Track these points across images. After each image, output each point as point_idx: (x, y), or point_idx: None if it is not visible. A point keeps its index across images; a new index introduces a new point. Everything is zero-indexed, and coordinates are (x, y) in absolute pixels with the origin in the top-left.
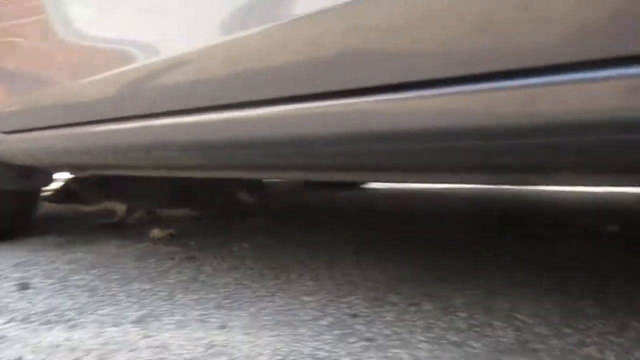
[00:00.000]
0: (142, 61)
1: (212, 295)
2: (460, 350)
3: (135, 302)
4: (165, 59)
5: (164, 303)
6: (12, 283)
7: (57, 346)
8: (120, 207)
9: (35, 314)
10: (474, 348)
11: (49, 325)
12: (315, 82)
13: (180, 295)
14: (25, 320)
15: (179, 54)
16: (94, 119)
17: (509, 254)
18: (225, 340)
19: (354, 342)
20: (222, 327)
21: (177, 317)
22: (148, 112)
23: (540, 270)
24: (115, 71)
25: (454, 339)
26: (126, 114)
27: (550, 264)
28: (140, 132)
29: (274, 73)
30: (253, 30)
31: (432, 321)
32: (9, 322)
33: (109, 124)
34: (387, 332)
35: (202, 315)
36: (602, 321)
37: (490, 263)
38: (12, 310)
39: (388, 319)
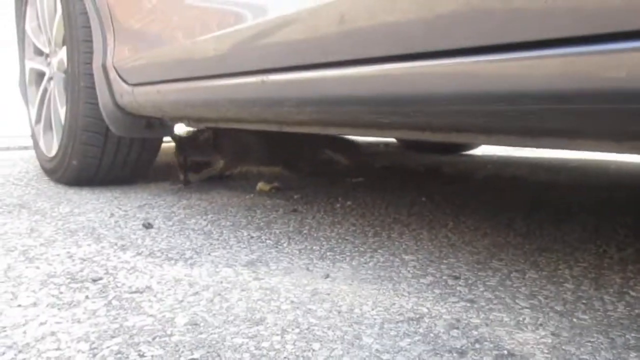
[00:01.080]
0: (251, 21)
1: (316, 247)
2: (565, 319)
3: (245, 247)
4: (280, 17)
5: (271, 250)
6: (138, 222)
7: (179, 280)
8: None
9: (159, 250)
10: (581, 319)
11: (171, 261)
12: (428, 41)
13: (285, 244)
14: (150, 255)
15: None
16: (210, 73)
17: (622, 229)
18: (329, 288)
19: (455, 302)
20: (326, 276)
21: (284, 264)
22: (259, 68)
23: None
24: (228, 30)
25: (559, 308)
26: (239, 69)
27: None
28: (253, 87)
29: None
30: None
31: (536, 289)
32: (136, 255)
33: (225, 79)
34: (489, 295)
35: (306, 264)
36: None
37: (600, 237)
38: (139, 245)
39: (490, 283)
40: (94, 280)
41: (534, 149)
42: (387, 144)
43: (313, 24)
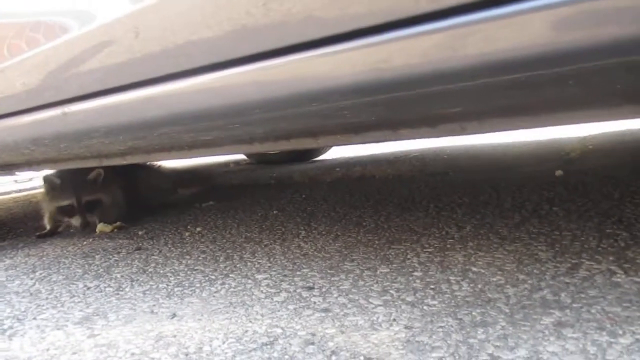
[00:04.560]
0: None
1: (162, 285)
2: (417, 309)
3: (80, 302)
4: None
5: (110, 298)
6: None
7: None
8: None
9: None
10: (431, 306)
11: None
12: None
13: (128, 289)
14: None
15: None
16: (3, 112)
17: (461, 209)
18: (175, 329)
19: (310, 315)
20: (173, 315)
21: (125, 312)
22: (58, 99)
23: (491, 220)
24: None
25: (410, 299)
26: (36, 103)
27: (501, 213)
28: (54, 121)
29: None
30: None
31: (388, 284)
32: None
33: (22, 116)
34: (343, 300)
35: (151, 306)
36: (555, 264)
37: (443, 220)
38: None
39: (344, 287)
40: None
41: (379, 145)
42: (237, 162)
43: (106, 43)
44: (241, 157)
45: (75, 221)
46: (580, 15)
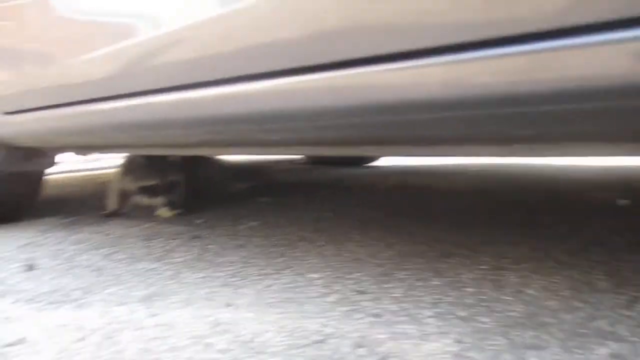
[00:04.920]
0: (134, 39)
1: (219, 274)
2: (468, 325)
3: (141, 282)
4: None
5: (170, 282)
6: (19, 264)
7: (63, 325)
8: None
9: (41, 294)
10: (483, 323)
11: (55, 305)
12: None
13: (186, 274)
14: (31, 300)
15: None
16: (93, 97)
17: (518, 229)
18: (231, 317)
19: (361, 318)
20: (228, 304)
21: (183, 296)
22: (147, 88)
23: (550, 245)
24: (110, 48)
25: (462, 313)
26: (124, 92)
27: (559, 237)
28: (140, 109)
29: (274, 46)
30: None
31: (440, 296)
32: (15, 302)
33: (109, 102)
34: (394, 308)
35: (208, 293)
36: (613, 295)
37: (499, 238)
38: (19, 290)
39: (395, 295)
40: None
41: (435, 157)
42: (292, 161)
43: (197, 41)
44: (297, 156)
45: (160, 201)
46: None
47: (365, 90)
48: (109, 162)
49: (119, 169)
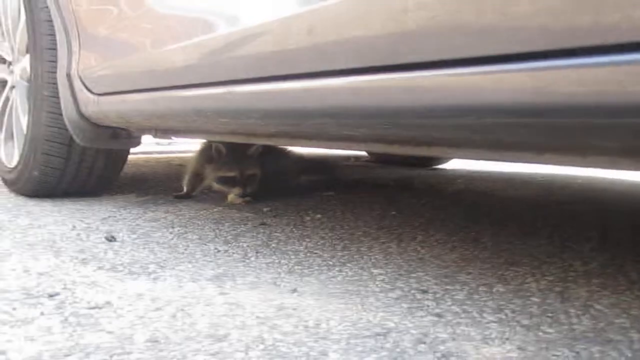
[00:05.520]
0: (219, 32)
1: (284, 261)
2: (531, 333)
3: (211, 261)
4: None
5: (238, 264)
6: (101, 235)
7: (141, 295)
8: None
9: (121, 264)
10: (547, 333)
11: (133, 276)
12: (393, 54)
13: (253, 258)
14: (112, 269)
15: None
16: (177, 84)
17: (588, 242)
18: (296, 303)
19: (423, 316)
20: (293, 290)
21: (251, 278)
22: (229, 79)
23: (621, 261)
24: (197, 40)
25: (526, 322)
26: (206, 80)
27: (633, 254)
28: (220, 98)
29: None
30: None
31: (503, 303)
32: (98, 269)
33: (192, 90)
34: (456, 309)
35: (274, 278)
36: None
37: (566, 251)
38: (101, 259)
39: (458, 297)
40: (51, 296)
41: (503, 164)
42: (357, 158)
43: (281, 36)
44: (362, 153)
45: (236, 191)
46: None
47: (449, 92)
48: (181, 147)
49: (197, 155)
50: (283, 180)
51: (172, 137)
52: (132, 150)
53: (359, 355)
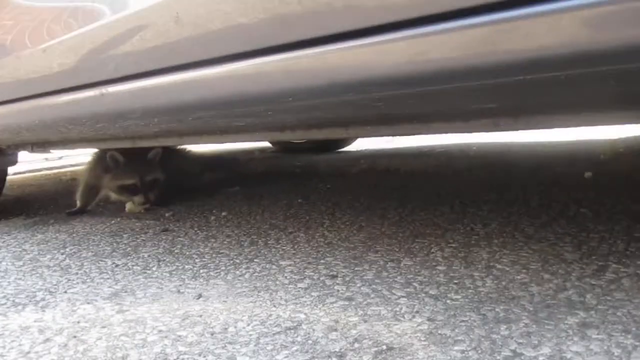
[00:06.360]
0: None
1: (188, 266)
2: (440, 303)
3: (109, 278)
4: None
5: (138, 277)
6: None
7: (27, 328)
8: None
9: (3, 296)
10: (454, 300)
11: (18, 307)
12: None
13: (155, 268)
14: None
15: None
16: (44, 90)
17: (487, 206)
18: (201, 309)
19: (333, 303)
20: (199, 296)
21: (152, 290)
22: (96, 80)
23: (517, 219)
24: (55, 41)
25: (434, 292)
26: (75, 83)
27: (527, 212)
28: (92, 101)
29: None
30: None
31: (411, 276)
32: None
33: (61, 95)
34: (366, 290)
35: (177, 286)
36: (581, 265)
37: (468, 216)
38: None
39: (367, 277)
40: None
41: (404, 139)
42: (262, 150)
43: (147, 27)
44: (266, 144)
45: (138, 200)
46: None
47: (322, 70)
48: (74, 160)
49: (90, 166)
50: (186, 181)
51: (51, 151)
52: (14, 169)
53: (269, 354)
